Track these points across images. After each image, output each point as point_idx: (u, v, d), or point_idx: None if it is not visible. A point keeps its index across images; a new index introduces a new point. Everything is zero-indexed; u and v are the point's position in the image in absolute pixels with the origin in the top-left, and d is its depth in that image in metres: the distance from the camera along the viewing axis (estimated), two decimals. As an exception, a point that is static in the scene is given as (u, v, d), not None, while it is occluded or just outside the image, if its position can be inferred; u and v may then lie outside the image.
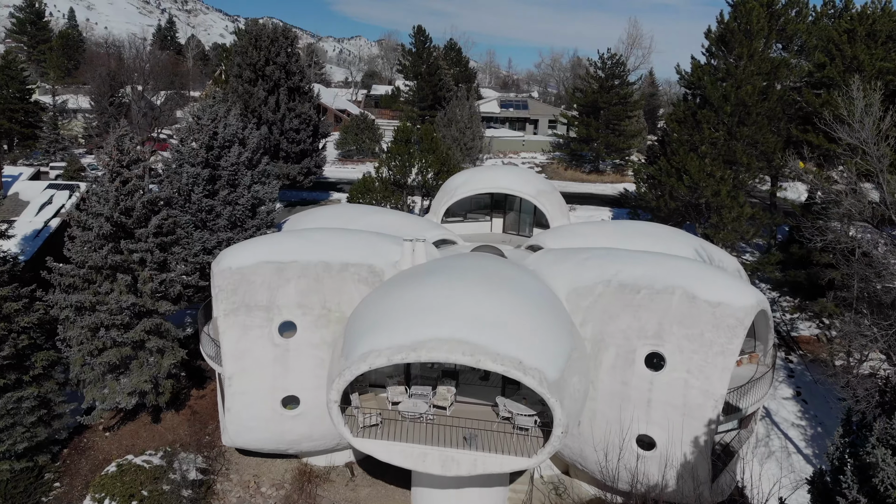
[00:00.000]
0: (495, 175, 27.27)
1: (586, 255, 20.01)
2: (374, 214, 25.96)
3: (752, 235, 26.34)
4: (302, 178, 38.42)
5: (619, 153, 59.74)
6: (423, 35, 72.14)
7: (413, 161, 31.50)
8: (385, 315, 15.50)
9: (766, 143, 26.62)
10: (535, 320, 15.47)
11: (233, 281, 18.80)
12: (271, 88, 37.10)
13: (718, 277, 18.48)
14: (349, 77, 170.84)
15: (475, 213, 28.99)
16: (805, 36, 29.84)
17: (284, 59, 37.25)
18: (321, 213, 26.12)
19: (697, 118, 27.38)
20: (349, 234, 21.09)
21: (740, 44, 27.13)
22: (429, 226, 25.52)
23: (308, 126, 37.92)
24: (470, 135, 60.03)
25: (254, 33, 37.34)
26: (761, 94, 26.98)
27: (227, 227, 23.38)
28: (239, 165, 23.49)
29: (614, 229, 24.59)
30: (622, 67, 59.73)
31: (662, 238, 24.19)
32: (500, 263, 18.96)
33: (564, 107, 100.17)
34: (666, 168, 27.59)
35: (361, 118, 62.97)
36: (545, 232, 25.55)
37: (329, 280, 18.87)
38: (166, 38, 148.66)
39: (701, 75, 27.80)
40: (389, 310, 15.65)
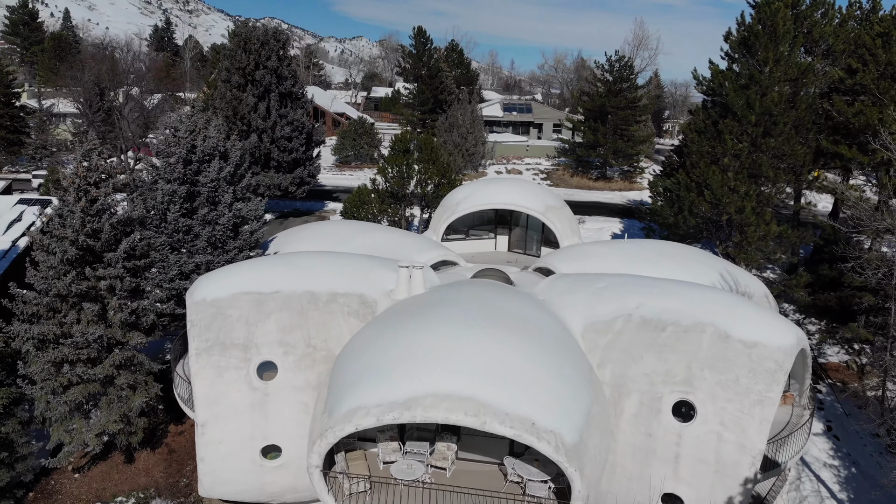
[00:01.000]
0: (500, 189, 25.32)
1: (603, 284, 18.04)
2: (369, 232, 24.02)
3: (779, 256, 24.35)
4: (294, 188, 36.49)
5: (628, 159, 57.79)
6: (423, 36, 70.25)
7: (412, 172, 29.55)
8: (375, 362, 13.53)
9: (795, 156, 24.64)
10: (550, 369, 13.49)
11: (207, 315, 16.85)
12: (261, 94, 35.19)
13: (752, 311, 16.52)
14: (349, 78, 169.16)
15: (478, 229, 27.04)
16: (832, 39, 27.85)
17: (275, 63, 35.33)
18: (310, 232, 24.20)
19: (719, 128, 25.41)
20: (338, 259, 19.14)
21: (765, 48, 25.17)
22: (427, 245, 23.58)
23: (301, 133, 35.99)
24: (472, 140, 58.16)
25: (243, 35, 35.43)
26: (788, 101, 25.00)
27: (206, 249, 21.44)
28: (220, 181, 21.55)
29: (630, 250, 22.62)
30: (630, 70, 57.81)
31: (684, 260, 22.26)
32: (507, 295, 16.99)
33: (569, 110, 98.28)
34: (685, 182, 25.62)
35: (360, 122, 61.04)
36: (555, 252, 23.58)
37: (315, 313, 16.92)
38: (163, 38, 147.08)
39: (722, 81, 25.83)
40: (380, 356, 13.69)
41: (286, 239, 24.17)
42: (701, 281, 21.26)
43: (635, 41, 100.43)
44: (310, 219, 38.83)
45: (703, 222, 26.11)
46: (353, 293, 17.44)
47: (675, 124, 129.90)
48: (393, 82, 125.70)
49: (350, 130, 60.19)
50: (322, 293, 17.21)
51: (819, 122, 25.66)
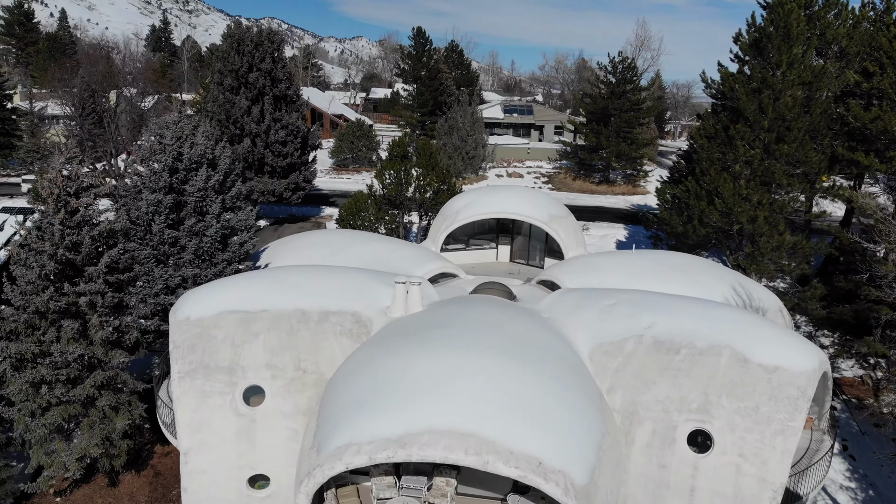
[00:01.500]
0: (501, 198, 24.34)
1: (612, 301, 17.06)
2: (364, 243, 23.05)
3: (794, 269, 23.37)
4: (289, 194, 35.49)
5: (631, 163, 56.82)
6: (422, 37, 69.30)
7: (410, 179, 28.58)
8: (368, 391, 12.55)
9: (809, 163, 23.67)
10: (558, 399, 12.51)
11: (191, 335, 15.88)
12: (255, 97, 34.20)
13: (771, 332, 15.54)
14: (348, 79, 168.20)
15: (479, 238, 26.06)
16: (845, 41, 26.87)
17: (270, 65, 34.35)
18: (302, 242, 23.23)
19: (730, 133, 24.43)
20: (331, 274, 18.16)
21: (778, 50, 24.20)
22: (426, 256, 22.61)
23: (296, 138, 35.01)
24: (472, 143, 57.23)
25: (236, 36, 34.45)
26: (802, 106, 24.03)
27: (193, 262, 20.47)
28: (207, 190, 20.58)
29: (639, 262, 21.65)
30: (633, 71, 56.84)
31: (694, 272, 21.29)
32: (510, 314, 16.01)
33: (570, 112, 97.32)
34: (695, 190, 24.64)
35: (358, 124, 60.06)
36: (559, 264, 22.60)
37: (305, 333, 15.94)
38: (160, 39, 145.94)
39: (733, 85, 24.85)
40: (374, 384, 12.70)
41: (277, 250, 23.19)
42: (713, 295, 20.35)
43: (637, 42, 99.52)
44: (305, 225, 37.88)
45: (713, 232, 25.13)
46: (347, 311, 16.47)
47: (678, 125, 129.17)
48: (392, 83, 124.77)
49: (348, 133, 59.22)
50: (313, 311, 16.24)
51: (834, 127, 24.69)
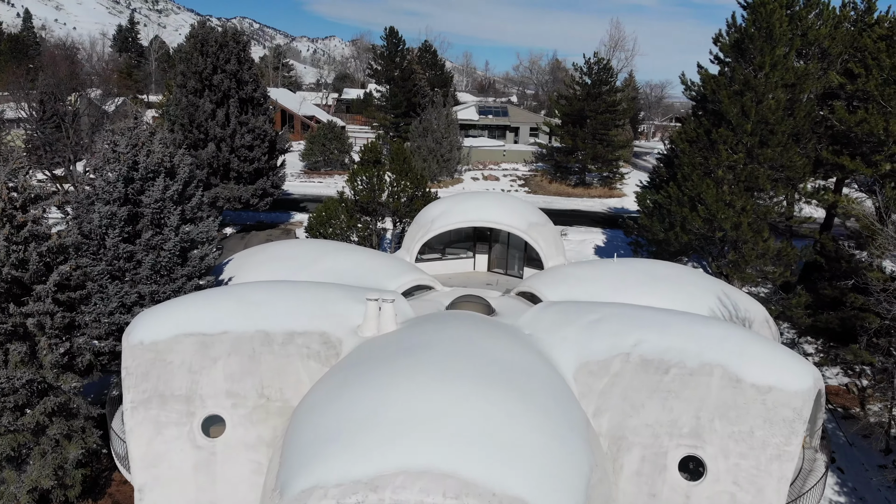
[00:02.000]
0: (478, 205, 23.45)
1: (596, 316, 16.24)
2: (334, 254, 21.98)
3: (779, 277, 22.82)
4: (256, 200, 34.25)
5: (607, 165, 56.39)
6: (395, 37, 68.24)
7: (383, 185, 27.56)
8: (337, 425, 11.53)
9: (793, 167, 23.15)
10: (543, 430, 11.62)
11: (144, 361, 14.71)
12: (220, 100, 32.91)
13: (763, 349, 14.84)
14: (320, 79, 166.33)
15: (455, 247, 25.15)
16: (827, 42, 26.43)
17: (235, 67, 33.08)
18: (268, 255, 22.10)
19: (712, 138, 23.83)
20: (297, 291, 17.10)
21: (761, 51, 23.65)
22: (400, 268, 21.63)
23: (263, 142, 33.77)
24: (447, 145, 56.35)
25: (199, 37, 33.11)
26: (785, 109, 23.51)
27: (150, 278, 19.24)
28: (165, 201, 19.37)
29: (621, 271, 20.92)
30: (609, 73, 56.44)
31: (679, 282, 20.62)
32: (489, 334, 15.10)
33: (545, 113, 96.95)
34: (676, 196, 23.99)
35: (329, 126, 58.81)
36: (539, 274, 21.77)
37: (269, 357, 14.87)
38: (127, 39, 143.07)
39: (715, 87, 24.25)
40: (343, 417, 11.69)
41: (241, 263, 22.04)
42: (699, 306, 19.71)
43: (611, 42, 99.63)
44: (274, 232, 36.64)
45: (695, 238, 24.51)
46: (314, 331, 15.42)
47: (652, 126, 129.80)
48: (365, 83, 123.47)
49: (319, 135, 57.92)
50: (277, 333, 15.17)
51: (818, 130, 24.22)
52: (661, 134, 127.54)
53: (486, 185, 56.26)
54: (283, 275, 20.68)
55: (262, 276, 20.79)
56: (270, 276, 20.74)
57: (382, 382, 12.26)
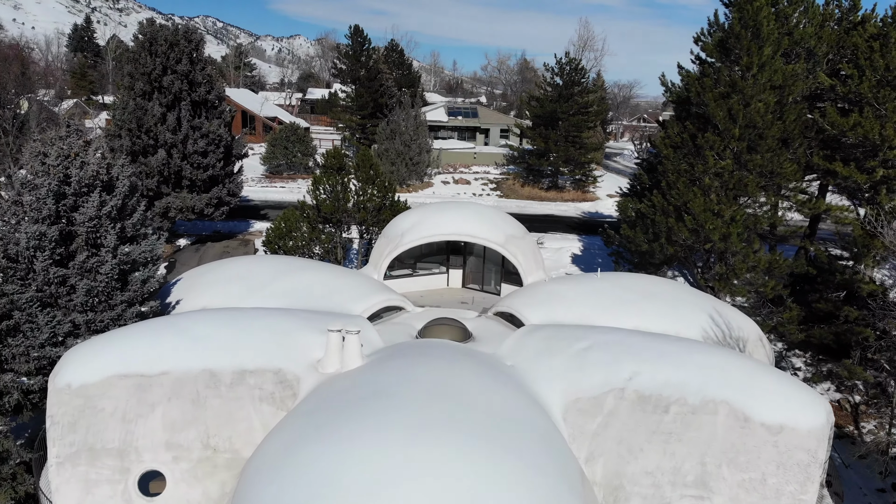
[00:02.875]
0: (451, 217, 21.89)
1: (585, 344, 14.80)
2: (294, 273, 20.21)
3: (770, 290, 21.70)
4: (211, 210, 32.21)
5: (580, 168, 55.30)
6: (360, 36, 66.39)
7: (348, 195, 25.84)
8: (291, 494, 9.84)
9: (784, 174, 22.06)
10: (531, 490, 10.06)
11: (72, 409, 12.84)
12: (171, 103, 30.83)
13: (769, 381, 13.54)
14: (284, 79, 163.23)
15: (427, 262, 23.55)
16: (813, 42, 25.45)
17: (187, 67, 31.03)
18: (220, 274, 20.24)
19: (698, 143, 22.62)
20: (249, 319, 15.33)
21: (748, 51, 22.51)
22: (366, 287, 19.97)
23: (218, 147, 31.75)
24: (416, 148, 54.74)
25: (148, 35, 31.00)
26: (774, 112, 22.43)
27: (86, 305, 17.27)
28: (101, 218, 17.41)
29: (606, 289, 19.54)
30: (581, 73, 55.37)
31: (669, 300, 19.33)
32: (468, 370, 13.53)
33: (514, 113, 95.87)
34: (661, 205, 22.73)
35: (292, 128, 56.72)
36: (519, 292, 20.28)
37: (216, 401, 13.11)
38: (83, 38, 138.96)
39: (700, 89, 23.06)
40: (298, 482, 10.01)
41: (190, 284, 20.16)
42: (691, 326, 18.45)
43: (580, 42, 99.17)
44: (231, 243, 34.63)
45: (681, 249, 23.30)
46: (268, 369, 13.69)
47: (620, 126, 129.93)
48: (330, 83, 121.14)
49: (280, 137, 55.79)
50: (225, 372, 13.40)
51: (809, 135, 23.19)
52: (632, 135, 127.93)
53: (457, 190, 54.80)
54: (235, 297, 18.90)
55: (213, 300, 18.98)
56: (222, 299, 18.94)
57: (344, 437, 10.60)
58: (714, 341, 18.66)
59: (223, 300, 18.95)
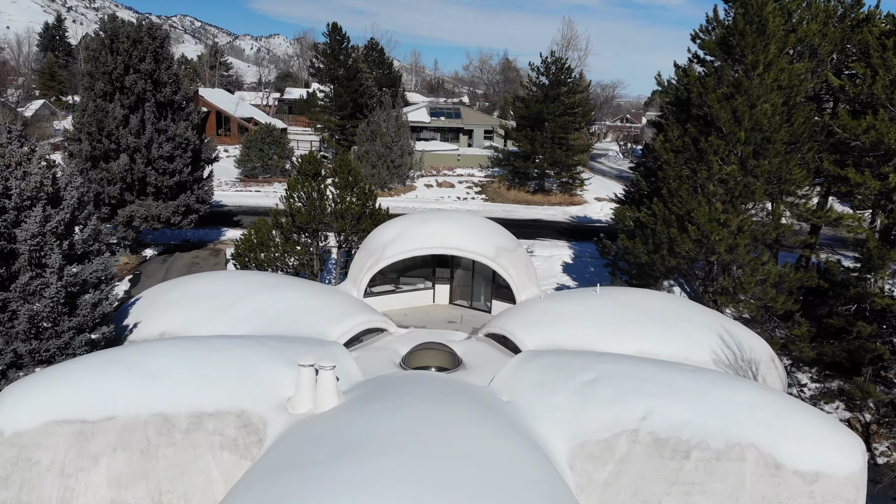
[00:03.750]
0: (437, 229, 20.34)
1: (590, 375, 13.31)
2: (264, 292, 18.55)
3: (781, 305, 20.39)
4: (179, 218, 30.35)
5: (567, 170, 54.01)
6: (339, 34, 64.63)
7: (324, 204, 24.18)
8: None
9: (793, 180, 20.78)
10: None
11: (5, 462, 11.10)
12: (133, 104, 28.96)
13: (800, 418, 12.14)
14: (261, 78, 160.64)
15: (412, 276, 21.97)
16: (817, 39, 24.23)
17: (151, 66, 29.18)
18: (183, 293, 18.53)
19: (701, 147, 21.27)
20: (210, 351, 13.66)
21: (753, 48, 21.21)
22: (345, 307, 18.36)
23: (185, 151, 29.92)
24: (398, 150, 53.13)
25: (109, 32, 29.10)
26: (783, 115, 21.15)
27: (29, 333, 15.49)
28: (46, 235, 15.64)
29: (607, 307, 18.11)
30: (568, 73, 54.12)
31: (675, 319, 17.96)
32: (459, 412, 11.97)
33: (498, 114, 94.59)
34: (662, 214, 21.34)
35: (267, 129, 54.84)
36: (512, 311, 18.77)
37: (169, 450, 11.44)
38: (54, 38, 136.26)
39: (703, 90, 21.72)
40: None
41: (149, 304, 18.42)
42: (701, 348, 17.10)
43: (564, 41, 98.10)
44: (201, 253, 32.79)
45: (683, 262, 21.94)
46: (230, 411, 12.04)
47: (604, 126, 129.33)
48: (309, 83, 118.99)
49: (256, 138, 53.88)
50: (181, 415, 11.73)
51: (818, 138, 21.91)
52: (616, 135, 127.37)
53: (440, 193, 53.29)
54: (198, 320, 17.22)
55: (174, 324, 17.29)
56: (183, 323, 17.26)
57: (317, 501, 9.00)
58: (725, 364, 17.34)
59: (185, 324, 17.27)
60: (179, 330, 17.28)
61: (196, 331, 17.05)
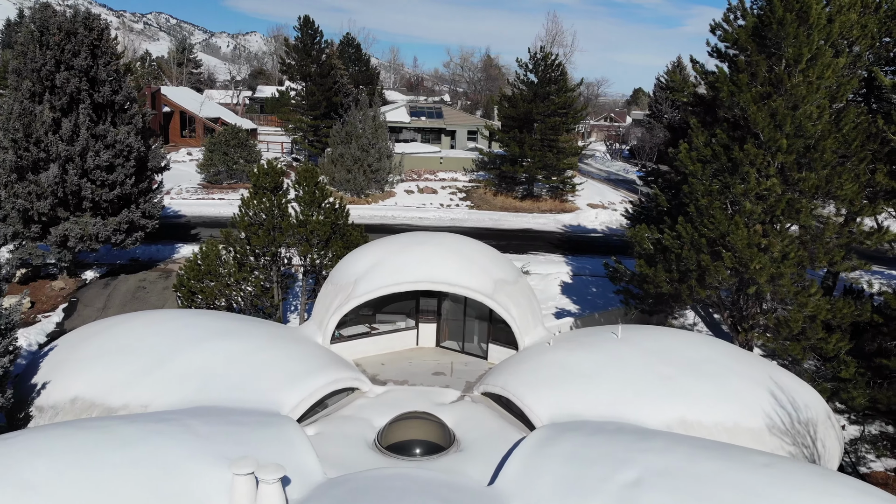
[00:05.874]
0: (422, 257, 16.92)
1: (633, 474, 10.03)
2: (209, 342, 15.00)
3: (833, 346, 17.25)
4: (121, 237, 26.59)
5: (558, 174, 50.76)
6: (311, 28, 60.81)
7: (287, 223, 20.63)
8: None
9: (846, 196, 17.65)
10: None
11: None
12: (66, 106, 25.16)
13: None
14: (233, 75, 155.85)
15: (390, 311, 18.51)
16: (856, 31, 21.15)
17: (87, 62, 25.40)
18: (106, 340, 14.94)
19: (734, 157, 18.05)
20: (116, 445, 10.12)
21: (794, 40, 18.06)
22: (306, 361, 14.91)
23: (128, 160, 26.17)
24: (375, 153, 49.58)
25: (38, 23, 25.28)
26: (831, 118, 18.03)
27: None
28: None
29: (632, 357, 14.83)
30: (558, 70, 50.90)
31: (715, 370, 14.81)
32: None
33: (481, 114, 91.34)
34: (691, 236, 18.09)
35: (232, 131, 50.97)
36: (515, 363, 15.39)
37: None
38: (17, 33, 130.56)
39: (735, 90, 18.51)
40: None
41: (60, 360, 14.79)
42: (752, 411, 14.01)
43: (549, 37, 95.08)
44: (150, 275, 28.99)
45: (714, 293, 18.75)
46: (133, 549, 8.53)
47: (588, 125, 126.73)
48: (283, 80, 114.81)
49: (220, 141, 49.96)
50: (58, 562, 8.21)
51: (871, 146, 18.79)
52: (601, 135, 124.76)
53: (422, 200, 49.81)
54: (119, 382, 13.71)
55: (89, 388, 13.75)
56: (101, 385, 13.73)
57: None
58: (781, 430, 14.20)
59: (101, 388, 13.73)
60: (95, 395, 13.74)
61: (114, 398, 13.53)
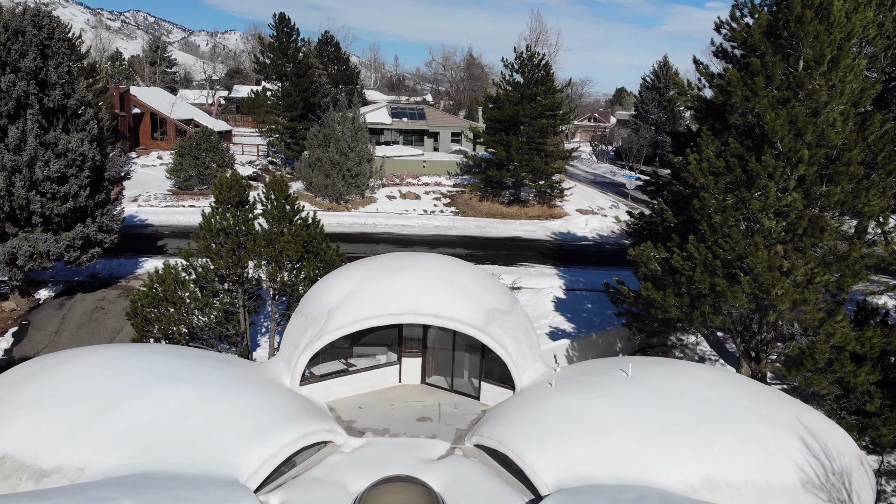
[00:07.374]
0: (405, 285, 15.12)
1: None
2: (160, 386, 13.10)
3: (862, 381, 15.69)
4: (76, 254, 24.50)
5: (546, 178, 49.20)
6: (287, 25, 58.75)
7: (256, 243, 18.73)
8: None
9: (870, 212, 16.13)
10: None
11: None
12: (12, 112, 23.04)
13: None
14: (209, 74, 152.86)
15: (369, 343, 16.69)
16: (872, 31, 19.67)
17: (36, 63, 23.31)
18: (47, 385, 13.02)
19: (750, 169, 16.45)
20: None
21: (814, 39, 16.53)
22: (271, 409, 13.07)
23: (81, 170, 24.09)
24: (355, 157, 47.70)
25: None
26: (857, 125, 16.52)
27: None
28: None
29: (645, 401, 13.16)
30: (546, 69, 49.33)
31: (739, 416, 13.15)
32: None
33: (465, 114, 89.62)
34: (704, 257, 16.46)
35: (204, 133, 48.82)
36: (513, 407, 13.65)
37: None
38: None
39: (750, 94, 16.92)
40: None
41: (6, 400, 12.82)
42: (783, 464, 12.43)
43: (532, 36, 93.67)
44: (110, 294, 26.92)
45: (729, 319, 17.15)
46: None
47: (573, 126, 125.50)
48: (260, 80, 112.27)
49: (190, 144, 47.79)
50: None
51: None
52: (586, 135, 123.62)
53: (405, 206, 48.01)
54: (53, 439, 11.84)
55: (20, 445, 11.88)
56: (31, 443, 11.88)
57: None
58: (816, 486, 12.58)
59: (32, 446, 11.83)
60: (26, 454, 11.84)
61: (46, 457, 11.66)
